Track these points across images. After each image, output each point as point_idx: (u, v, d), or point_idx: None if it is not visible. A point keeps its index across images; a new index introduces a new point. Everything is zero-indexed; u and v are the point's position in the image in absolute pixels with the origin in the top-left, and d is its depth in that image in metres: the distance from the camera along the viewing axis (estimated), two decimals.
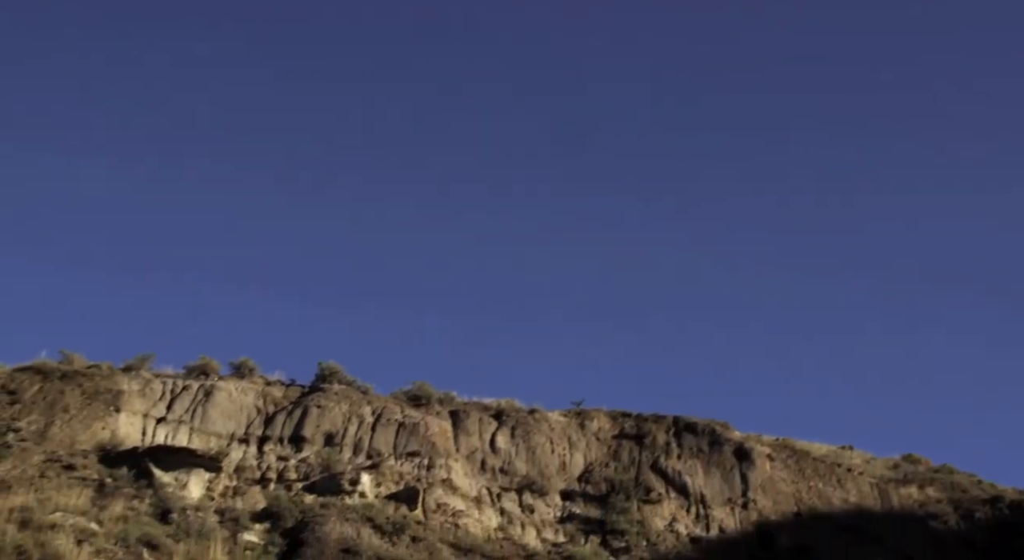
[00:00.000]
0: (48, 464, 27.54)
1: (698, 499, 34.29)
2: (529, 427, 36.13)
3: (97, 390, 32.33)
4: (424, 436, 33.77)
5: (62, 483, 26.09)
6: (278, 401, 34.82)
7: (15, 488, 24.89)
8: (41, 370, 33.30)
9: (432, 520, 28.99)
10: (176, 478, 28.23)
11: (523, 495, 33.01)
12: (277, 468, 31.20)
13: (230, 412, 33.50)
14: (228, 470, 30.45)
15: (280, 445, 32.62)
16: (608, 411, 38.74)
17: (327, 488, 29.70)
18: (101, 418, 31.02)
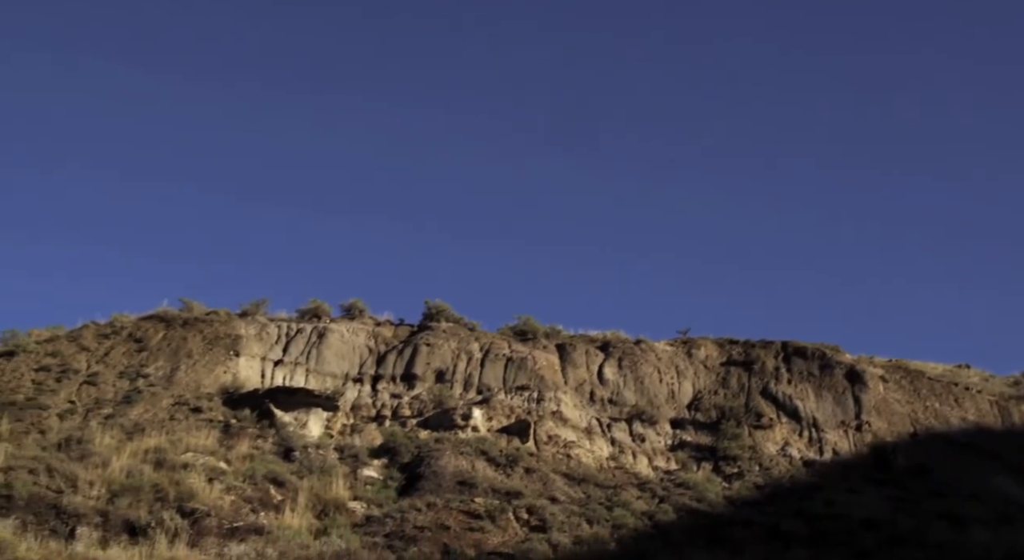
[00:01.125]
0: (176, 407, 28.76)
1: (810, 423, 34.03)
2: (636, 357, 36.25)
3: (217, 335, 33.57)
4: (532, 370, 34.21)
5: (190, 425, 27.21)
6: (388, 341, 35.66)
7: (148, 430, 26.05)
8: (164, 318, 34.75)
9: (544, 451, 29.44)
10: (296, 418, 29.19)
11: (633, 425, 33.25)
12: (391, 405, 32.06)
13: (343, 353, 34.48)
14: (344, 409, 31.43)
15: (392, 383, 33.48)
16: (715, 339, 38.55)
17: (440, 423, 30.42)
18: (222, 362, 32.20)
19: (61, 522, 18.89)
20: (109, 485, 20.96)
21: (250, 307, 36.08)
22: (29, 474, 20.54)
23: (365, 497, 23.91)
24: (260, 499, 22.30)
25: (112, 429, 25.68)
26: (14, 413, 26.72)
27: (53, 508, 19.27)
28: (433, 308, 37.63)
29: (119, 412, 27.85)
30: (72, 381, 29.93)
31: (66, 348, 32.25)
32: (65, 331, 34.04)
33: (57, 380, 29.87)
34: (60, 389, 29.30)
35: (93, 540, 17.82)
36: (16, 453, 22.06)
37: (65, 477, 20.84)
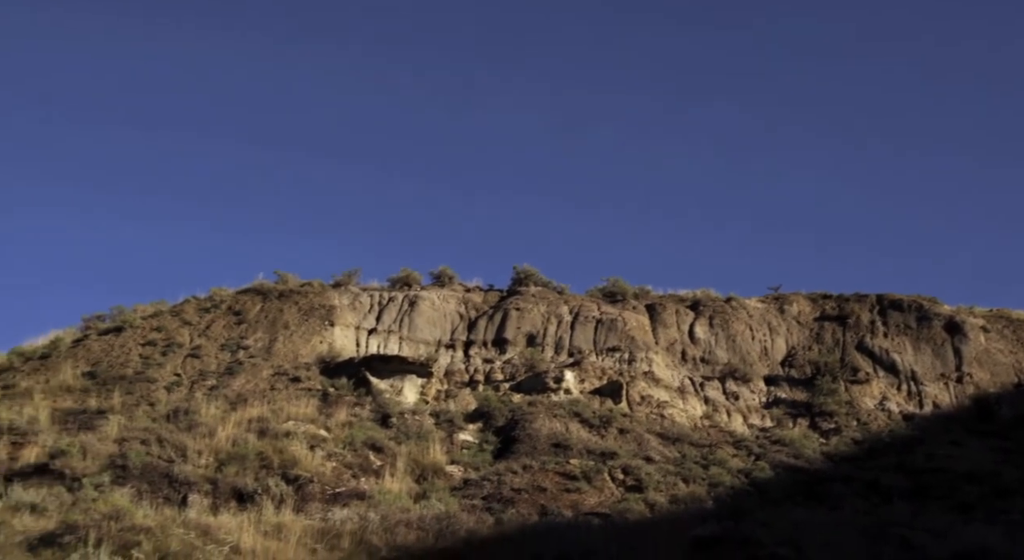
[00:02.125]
0: (276, 377, 29.51)
1: (908, 376, 33.44)
2: (727, 315, 35.97)
3: (312, 306, 34.30)
4: (622, 331, 34.22)
5: (290, 394, 27.88)
6: (478, 306, 36.00)
7: (250, 401, 26.79)
8: (260, 291, 35.64)
9: (637, 412, 29.47)
10: (391, 385, 29.70)
11: (726, 383, 33.08)
12: (484, 370, 32.42)
13: (434, 320, 34.94)
14: (438, 375, 31.88)
15: (484, 348, 33.83)
16: (807, 294, 38.03)
17: (533, 387, 30.67)
18: (318, 332, 32.90)
19: (174, 490, 19.61)
20: (216, 454, 21.65)
21: (343, 278, 36.77)
22: (142, 445, 21.35)
23: (462, 461, 24.28)
24: (360, 465, 22.79)
25: (216, 400, 26.49)
26: (124, 386, 27.77)
27: (166, 476, 20.01)
28: (521, 273, 37.86)
29: (222, 383, 28.70)
30: (177, 354, 30.96)
31: (170, 323, 33.33)
32: (168, 306, 35.20)
33: (163, 354, 30.93)
34: (166, 362, 30.33)
35: (204, 506, 18.46)
36: (128, 425, 22.95)
37: (175, 447, 21.62)
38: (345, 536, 15.24)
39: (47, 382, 28.26)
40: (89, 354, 30.96)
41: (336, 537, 15.19)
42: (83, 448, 20.60)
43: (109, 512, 14.03)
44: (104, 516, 13.84)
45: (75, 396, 26.88)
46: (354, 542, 15.08)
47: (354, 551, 14.75)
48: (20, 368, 30.08)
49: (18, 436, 21.50)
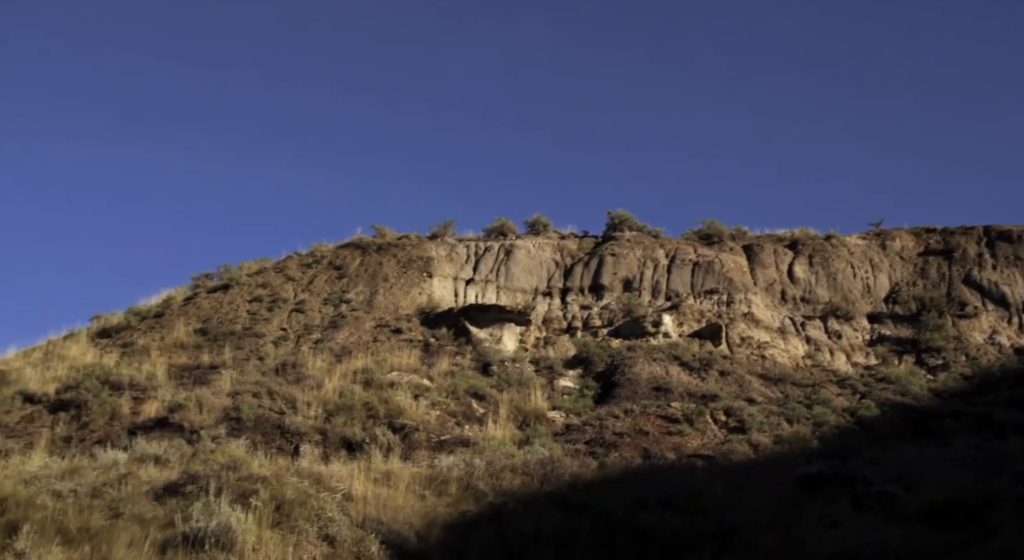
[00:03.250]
0: (378, 329, 30.09)
1: (1019, 309, 32.50)
2: (827, 253, 35.33)
3: (410, 259, 34.78)
4: (720, 273, 33.91)
5: (393, 346, 28.42)
6: (574, 253, 36.03)
7: (354, 353, 27.40)
8: (360, 245, 36.28)
9: (738, 354, 29.29)
10: (490, 334, 30.02)
11: (828, 322, 32.59)
12: (581, 317, 32.52)
13: (531, 268, 35.11)
14: (536, 322, 32.09)
15: (581, 295, 33.90)
16: (910, 228, 37.07)
17: (631, 331, 30.67)
18: (417, 284, 33.37)
19: (285, 440, 20.26)
20: (324, 405, 22.25)
21: (439, 229, 37.16)
22: (253, 397, 22.07)
23: (563, 407, 24.50)
24: (463, 413, 23.18)
25: (322, 353, 27.17)
26: (234, 342, 28.68)
27: (277, 428, 20.68)
28: (616, 218, 37.73)
29: (327, 337, 29.39)
30: (282, 310, 31.79)
31: (274, 279, 34.20)
32: (272, 263, 36.11)
33: (269, 309, 31.79)
34: (272, 318, 31.17)
35: (315, 456, 19.02)
36: (240, 379, 23.74)
37: (285, 399, 22.29)
38: (452, 482, 15.57)
39: (162, 339, 29.36)
40: (200, 311, 32.00)
41: (443, 483, 15.53)
42: (199, 402, 21.41)
43: (227, 462, 14.56)
44: (222, 466, 14.37)
45: (188, 352, 27.88)
46: (461, 488, 15.40)
47: (461, 496, 15.07)
48: (137, 327, 31.27)
49: (138, 392, 22.44)
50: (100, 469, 15.09)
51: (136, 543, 11.94)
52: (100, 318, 32.79)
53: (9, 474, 14.55)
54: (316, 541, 12.63)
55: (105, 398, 21.69)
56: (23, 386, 22.89)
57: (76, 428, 20.77)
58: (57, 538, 11.79)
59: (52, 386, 22.76)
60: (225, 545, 11.86)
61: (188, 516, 12.36)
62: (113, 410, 21.38)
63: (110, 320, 32.40)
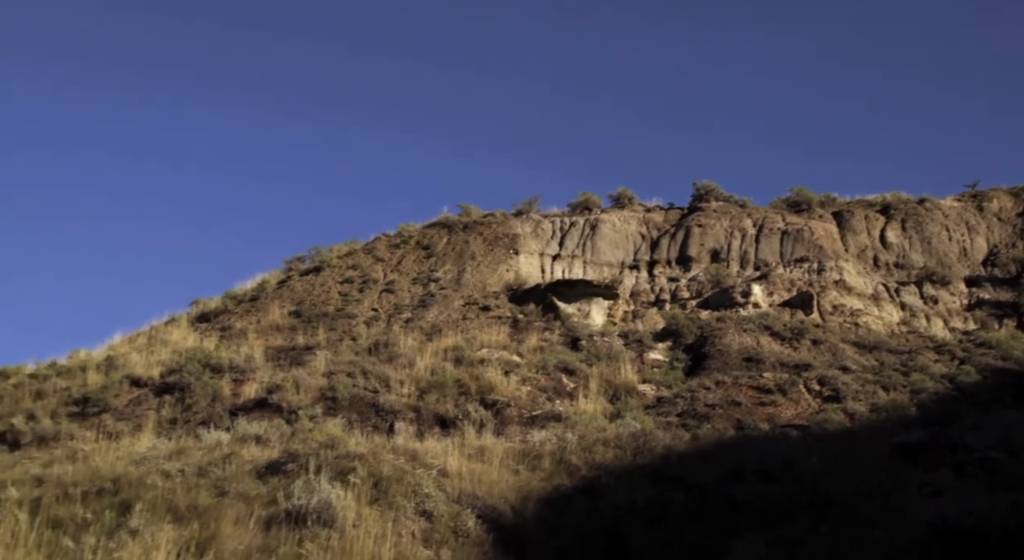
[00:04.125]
0: (467, 307, 30.36)
1: None
2: (920, 217, 34.49)
3: (496, 236, 34.95)
4: (809, 241, 33.36)
5: (482, 323, 28.65)
6: (660, 225, 35.80)
7: (444, 331, 27.70)
8: (446, 224, 36.61)
9: (830, 322, 28.84)
10: (578, 308, 30.06)
11: (923, 287, 31.86)
12: (669, 289, 32.33)
13: (616, 241, 35.00)
14: (624, 296, 32.02)
15: (668, 267, 33.70)
16: (1008, 189, 35.95)
17: (720, 302, 30.40)
18: (503, 261, 33.54)
19: (380, 418, 20.65)
20: (417, 383, 22.57)
21: (523, 206, 37.26)
22: (348, 377, 22.51)
23: (653, 379, 24.46)
24: (554, 388, 23.29)
25: (412, 332, 27.53)
26: (327, 323, 29.24)
27: (372, 406, 21.08)
28: (702, 188, 37.36)
29: (416, 315, 29.76)
30: (372, 290, 32.28)
31: (363, 260, 34.72)
32: (361, 245, 36.66)
33: (360, 290, 32.31)
34: (363, 298, 31.68)
35: (410, 433, 19.35)
36: (334, 359, 24.22)
37: (378, 378, 22.69)
38: (545, 457, 15.71)
39: (258, 322, 30.09)
40: (293, 294, 32.67)
41: (536, 458, 15.68)
42: (296, 382, 21.93)
43: (325, 441, 14.90)
44: (321, 445, 14.72)
45: (284, 334, 28.52)
46: (554, 462, 15.53)
47: (555, 471, 15.21)
48: (234, 310, 32.09)
49: (238, 374, 23.07)
50: (205, 449, 15.61)
51: (242, 520, 12.33)
52: (199, 303, 33.76)
53: (120, 455, 15.14)
54: (414, 516, 12.88)
55: (207, 381, 22.37)
56: (129, 371, 23.75)
57: (180, 410, 21.49)
58: (168, 516, 12.24)
59: (156, 370, 23.56)
60: (326, 521, 12.17)
61: (290, 494, 12.70)
62: (214, 392, 22.05)
63: (208, 305, 33.32)
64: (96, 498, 12.92)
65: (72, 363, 25.77)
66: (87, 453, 15.55)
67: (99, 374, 23.85)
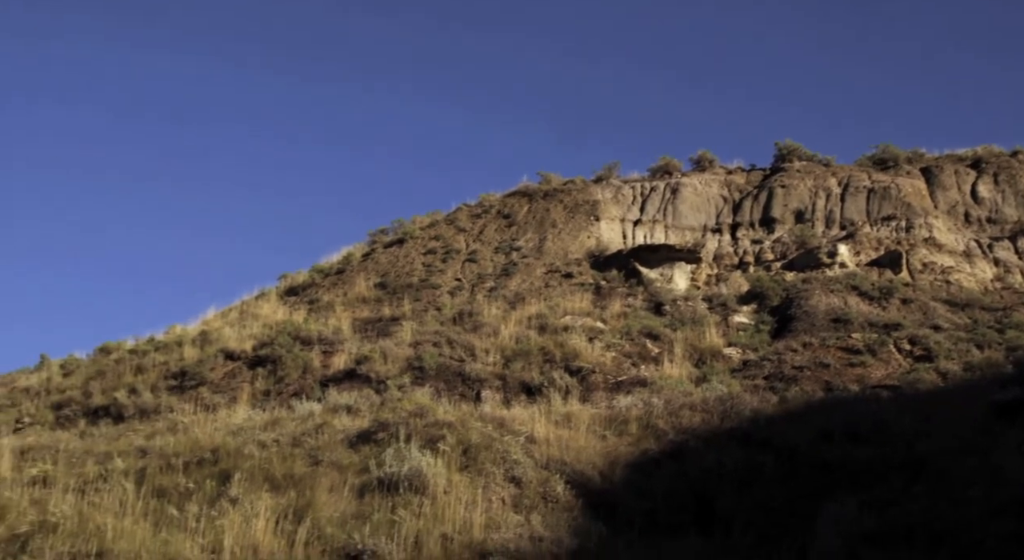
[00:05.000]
0: (549, 275, 30.45)
1: None
2: (1014, 171, 33.46)
3: (576, 203, 34.91)
4: (897, 198, 32.63)
5: (564, 290, 28.72)
6: (742, 187, 35.34)
7: (527, 299, 27.84)
8: (526, 193, 36.66)
9: (920, 280, 28.25)
10: (661, 273, 29.92)
11: (1018, 242, 30.96)
12: (753, 251, 31.96)
13: (698, 205, 34.68)
14: (707, 260, 31.76)
15: (751, 229, 33.29)
16: None
17: (805, 263, 29.95)
18: (584, 228, 33.51)
19: (467, 387, 20.91)
20: (502, 351, 22.77)
21: (603, 172, 37.10)
22: (434, 347, 22.82)
23: (739, 343, 24.29)
24: (639, 353, 23.29)
25: (496, 300, 27.72)
26: (412, 294, 29.61)
27: (458, 375, 21.35)
28: (784, 149, 36.75)
29: (499, 284, 29.95)
30: (455, 260, 32.56)
31: (446, 231, 35.02)
32: (443, 215, 36.98)
33: (443, 260, 32.61)
34: (446, 269, 31.98)
35: (496, 401, 19.57)
36: (420, 329, 24.55)
37: (464, 347, 22.95)
38: (631, 422, 15.75)
39: (345, 295, 30.61)
40: (378, 266, 33.12)
41: (623, 423, 15.73)
42: (383, 353, 22.31)
43: (414, 410, 15.16)
44: (410, 414, 14.98)
45: (370, 306, 28.98)
46: (641, 427, 15.57)
47: (642, 435, 15.25)
48: (321, 283, 32.70)
49: (327, 346, 23.57)
50: (298, 420, 16.01)
51: (336, 488, 12.66)
52: (287, 277, 34.49)
53: (218, 427, 15.63)
54: (503, 483, 13.07)
55: (297, 353, 22.89)
56: (223, 345, 24.44)
57: (273, 382, 22.05)
58: (265, 484, 12.63)
59: (249, 343, 24.19)
60: (418, 488, 12.43)
61: (381, 462, 12.98)
62: (305, 364, 22.56)
63: (296, 279, 34.01)
64: (197, 468, 13.37)
65: (169, 338, 26.63)
66: (187, 425, 16.07)
67: (195, 348, 24.60)
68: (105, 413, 21.33)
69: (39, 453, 14.62)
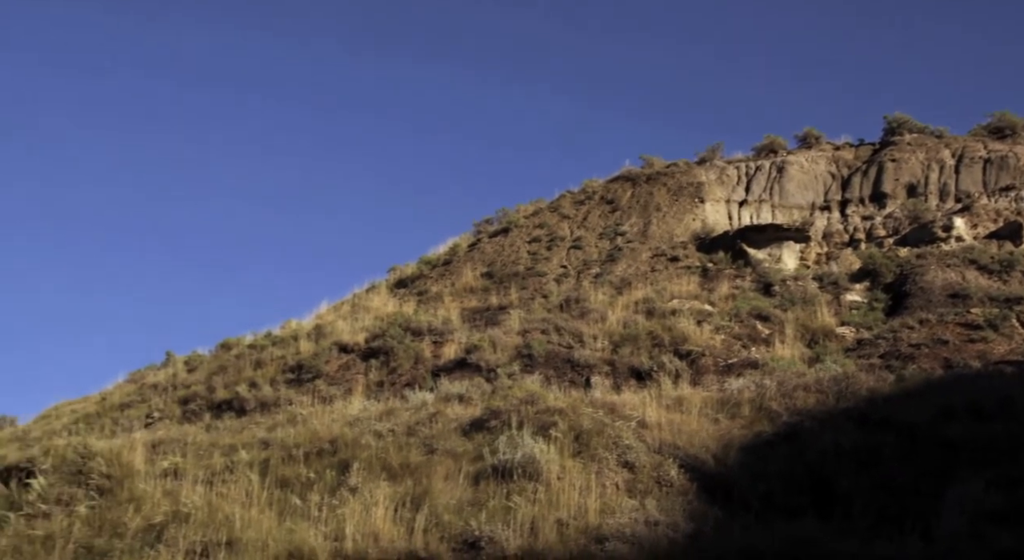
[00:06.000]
0: (655, 259, 30.29)
1: None
2: None
3: (680, 186, 34.60)
4: (1015, 167, 31.44)
5: (671, 274, 28.55)
6: (850, 163, 34.52)
7: (634, 284, 27.78)
8: (629, 177, 36.47)
9: None
10: (769, 253, 29.47)
11: None
12: (863, 228, 31.22)
13: (805, 183, 33.99)
14: (816, 238, 31.14)
15: (861, 205, 32.51)
16: None
17: (919, 238, 29.13)
18: (689, 210, 33.21)
19: (576, 373, 20.99)
20: (610, 337, 22.77)
21: (706, 153, 36.65)
22: (542, 334, 22.95)
23: (852, 322, 23.80)
24: (749, 335, 23.03)
25: (602, 286, 27.72)
26: (518, 282, 29.82)
27: (567, 361, 21.44)
28: (893, 122, 35.72)
29: (605, 270, 29.92)
30: (560, 247, 32.64)
31: (550, 218, 35.11)
32: (546, 203, 37.09)
33: (548, 248, 32.72)
34: (552, 256, 32.09)
35: (606, 386, 19.57)
36: (527, 317, 24.72)
37: (571, 334, 23.03)
38: (744, 404, 15.61)
39: (452, 285, 31.02)
40: (484, 256, 33.43)
41: (735, 406, 15.60)
42: (492, 342, 22.54)
43: (524, 397, 15.29)
44: (521, 401, 15.11)
45: (477, 295, 29.29)
46: (753, 409, 15.42)
47: (755, 418, 15.10)
48: (429, 275, 33.19)
49: (437, 336, 23.92)
50: (411, 409, 16.32)
51: (451, 476, 12.88)
52: (396, 270, 35.11)
53: (335, 418, 16.04)
54: (616, 468, 13.11)
55: (408, 344, 23.31)
56: (337, 338, 25.03)
57: (386, 373, 22.51)
58: (382, 473, 12.93)
59: (361, 336, 24.72)
60: (531, 475, 12.55)
61: (495, 449, 13.14)
62: (416, 354, 22.95)
63: (404, 271, 34.59)
64: (317, 458, 13.77)
65: (285, 333, 27.39)
66: (305, 417, 16.55)
67: (310, 342, 25.25)
68: (228, 407, 22.09)
69: (169, 446, 15.25)
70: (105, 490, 12.35)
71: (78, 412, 26.15)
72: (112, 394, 27.09)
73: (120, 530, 11.42)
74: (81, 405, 27.40)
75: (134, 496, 12.17)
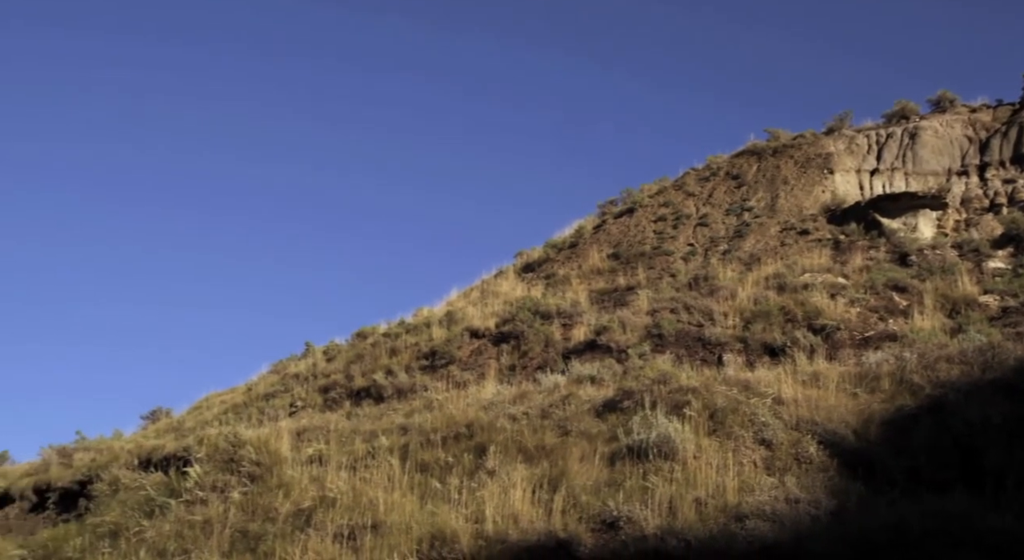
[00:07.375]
0: (784, 233, 29.71)
1: None
2: None
3: (807, 157, 33.80)
4: None
5: (801, 248, 27.96)
6: (988, 126, 33.10)
7: (763, 259, 27.32)
8: (754, 151, 35.84)
9: None
10: (904, 222, 28.56)
11: None
12: (1005, 192, 29.93)
13: (939, 148, 32.77)
14: (953, 205, 30.02)
15: (1002, 168, 31.16)
16: None
17: None
18: (818, 182, 32.41)
19: (707, 351, 20.83)
20: (740, 314, 22.48)
21: (834, 123, 35.69)
22: (671, 313, 22.83)
23: (996, 290, 22.88)
24: (885, 307, 22.41)
25: (731, 263, 27.37)
26: (645, 262, 29.70)
27: (698, 340, 21.29)
28: None
29: (733, 246, 29.52)
30: (686, 225, 32.34)
31: (674, 196, 34.82)
32: (670, 181, 36.80)
33: (673, 227, 32.48)
34: (678, 234, 31.83)
35: (739, 364, 19.36)
36: (656, 296, 24.61)
37: (701, 312, 22.83)
38: (883, 377, 15.23)
39: (579, 267, 31.10)
40: (609, 237, 33.39)
41: (874, 380, 15.24)
42: (621, 322, 22.55)
43: (656, 377, 15.29)
44: (653, 381, 15.13)
45: (604, 277, 29.30)
46: (894, 382, 15.03)
47: (895, 391, 14.72)
48: (555, 258, 33.35)
49: (566, 318, 24.08)
50: (544, 392, 16.52)
51: (587, 457, 13.00)
52: (522, 254, 35.40)
53: (470, 403, 16.37)
54: (752, 445, 13.00)
55: (538, 327, 23.51)
56: (468, 323, 25.45)
57: (517, 357, 22.77)
58: (519, 456, 13.15)
59: (491, 321, 25.06)
60: (667, 454, 12.57)
61: (629, 430, 13.21)
62: (546, 338, 23.13)
63: (531, 255, 34.86)
64: (454, 443, 14.08)
65: (417, 320, 27.98)
66: (441, 402, 16.93)
67: (442, 329, 25.74)
68: (366, 394, 22.74)
69: (312, 434, 15.85)
70: (256, 477, 12.92)
71: (227, 403, 27.33)
72: (257, 385, 28.21)
73: (272, 515, 11.94)
74: (229, 396, 28.63)
75: (283, 482, 12.70)
